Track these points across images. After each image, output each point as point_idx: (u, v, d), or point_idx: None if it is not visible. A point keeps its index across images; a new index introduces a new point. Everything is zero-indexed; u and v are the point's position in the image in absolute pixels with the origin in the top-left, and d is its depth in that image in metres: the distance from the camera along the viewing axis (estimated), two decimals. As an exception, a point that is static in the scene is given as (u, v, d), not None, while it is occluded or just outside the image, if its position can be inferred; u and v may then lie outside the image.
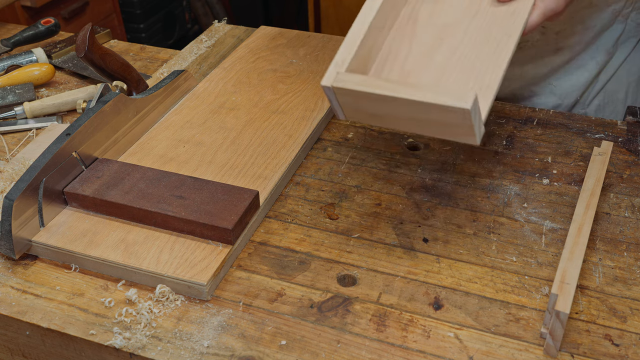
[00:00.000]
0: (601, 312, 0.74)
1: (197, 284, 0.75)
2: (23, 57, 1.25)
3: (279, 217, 0.89)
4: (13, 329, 0.76)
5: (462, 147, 1.00)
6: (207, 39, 1.32)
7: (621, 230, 0.85)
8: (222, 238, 0.80)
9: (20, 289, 0.78)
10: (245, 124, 1.02)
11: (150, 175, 0.88)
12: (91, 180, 0.87)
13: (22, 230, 0.80)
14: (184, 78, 1.10)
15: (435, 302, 0.76)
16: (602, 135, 1.03)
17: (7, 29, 1.44)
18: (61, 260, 0.82)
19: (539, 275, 0.79)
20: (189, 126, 1.02)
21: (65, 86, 1.22)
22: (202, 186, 0.85)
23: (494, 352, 0.70)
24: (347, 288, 0.78)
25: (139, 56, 1.32)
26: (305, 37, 1.29)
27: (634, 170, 0.95)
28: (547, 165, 0.96)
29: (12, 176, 0.94)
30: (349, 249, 0.83)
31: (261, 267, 0.81)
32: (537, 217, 0.87)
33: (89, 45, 0.98)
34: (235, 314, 0.75)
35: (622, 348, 0.70)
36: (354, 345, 0.71)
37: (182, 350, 0.70)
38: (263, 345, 0.71)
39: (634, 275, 0.79)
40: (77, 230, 0.83)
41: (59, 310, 0.75)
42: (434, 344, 0.71)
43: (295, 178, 0.96)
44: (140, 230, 0.83)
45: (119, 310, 0.75)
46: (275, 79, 1.14)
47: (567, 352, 0.70)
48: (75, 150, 0.87)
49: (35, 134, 1.08)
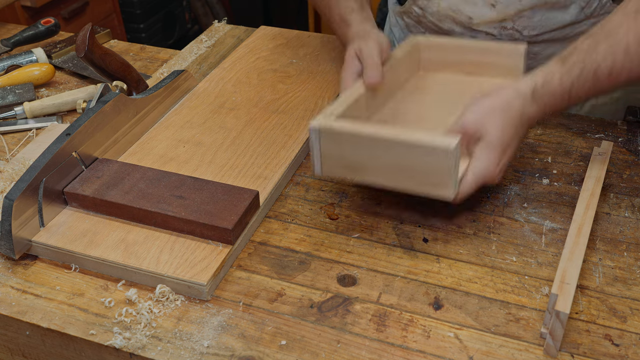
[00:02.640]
0: (601, 312, 0.74)
1: (197, 284, 0.75)
2: (23, 57, 1.25)
3: (279, 217, 0.89)
4: (13, 329, 0.76)
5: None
6: (207, 39, 1.32)
7: (621, 230, 0.85)
8: (222, 238, 0.80)
9: (20, 289, 0.78)
10: (245, 124, 1.02)
11: (150, 175, 0.88)
12: (91, 180, 0.87)
13: (22, 230, 0.80)
14: (184, 78, 1.10)
15: (435, 302, 0.76)
16: (602, 135, 1.03)
17: (7, 29, 1.44)
18: (61, 260, 0.82)
19: (539, 275, 0.79)
20: (189, 126, 1.02)
21: (65, 86, 1.22)
22: (202, 186, 0.85)
23: (494, 352, 0.70)
24: (347, 288, 0.78)
25: (139, 56, 1.32)
26: (305, 37, 1.29)
27: (634, 170, 0.95)
28: (547, 165, 0.96)
29: (12, 176, 0.94)
30: (349, 249, 0.83)
31: (261, 267, 0.81)
32: (537, 217, 0.87)
33: (89, 45, 0.98)
34: (235, 314, 0.75)
35: (622, 348, 0.70)
36: (354, 345, 0.71)
37: (182, 350, 0.70)
38: (263, 345, 0.71)
39: (634, 275, 0.79)
40: (77, 230, 0.83)
41: (59, 310, 0.75)
42: (434, 344, 0.71)
43: (295, 178, 0.96)
44: (140, 230, 0.83)
45: (119, 310, 0.75)
46: (275, 79, 1.14)
47: (567, 352, 0.70)
48: (75, 150, 0.87)
49: (35, 134, 1.08)
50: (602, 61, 0.80)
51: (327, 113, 0.82)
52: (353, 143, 0.78)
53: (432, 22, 1.12)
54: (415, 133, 0.75)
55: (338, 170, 0.82)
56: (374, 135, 0.76)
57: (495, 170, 0.80)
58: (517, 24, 1.05)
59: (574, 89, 0.82)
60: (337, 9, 1.01)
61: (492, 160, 0.79)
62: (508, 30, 1.06)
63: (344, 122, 0.79)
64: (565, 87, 0.82)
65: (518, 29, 1.06)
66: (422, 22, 1.15)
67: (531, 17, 1.04)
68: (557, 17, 1.03)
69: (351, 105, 0.86)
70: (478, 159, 0.79)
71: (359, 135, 0.77)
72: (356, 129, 0.78)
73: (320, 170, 0.82)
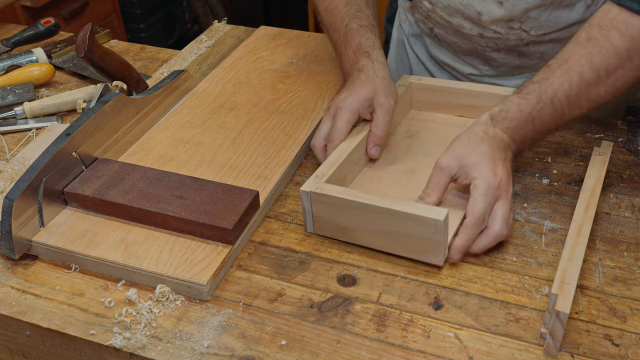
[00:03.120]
0: (601, 312, 0.74)
1: (197, 284, 0.75)
2: (23, 57, 1.25)
3: (279, 217, 0.89)
4: (13, 329, 0.76)
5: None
6: (207, 39, 1.32)
7: (621, 230, 0.85)
8: (222, 238, 0.80)
9: (20, 289, 0.78)
10: (245, 124, 1.02)
11: (150, 175, 0.88)
12: (91, 180, 0.87)
13: (22, 230, 0.80)
14: (184, 78, 1.10)
15: (435, 302, 0.76)
16: (602, 135, 1.03)
17: (7, 29, 1.44)
18: (61, 260, 0.82)
19: (539, 275, 0.79)
20: (189, 126, 1.02)
21: (65, 86, 1.22)
22: (202, 186, 0.85)
23: (494, 352, 0.70)
24: (347, 288, 0.78)
25: (139, 56, 1.32)
26: (305, 37, 1.29)
27: (634, 170, 0.95)
28: (547, 165, 0.96)
29: (12, 176, 0.94)
30: (349, 249, 0.83)
31: (261, 267, 0.81)
32: (537, 217, 0.87)
33: (89, 45, 0.98)
34: (235, 314, 0.75)
35: (622, 348, 0.70)
36: (354, 345, 0.71)
37: (182, 350, 0.70)
38: (263, 345, 0.71)
39: (634, 275, 0.79)
40: (77, 230, 0.83)
41: (59, 310, 0.75)
42: (434, 344, 0.71)
43: (295, 178, 0.96)
44: (140, 230, 0.83)
45: (119, 310, 0.75)
46: (275, 79, 1.14)
47: (567, 352, 0.70)
48: (75, 150, 0.87)
49: (35, 134, 1.08)
50: (558, 87, 0.84)
51: (319, 174, 0.84)
52: (343, 208, 0.80)
53: (441, 16, 1.12)
54: (405, 204, 0.77)
55: (329, 231, 0.84)
56: (365, 203, 0.78)
57: (496, 180, 0.80)
58: (524, 24, 1.05)
59: (536, 115, 0.84)
60: (356, 36, 0.98)
61: (487, 171, 0.80)
62: (515, 30, 1.06)
63: (335, 187, 0.81)
64: (525, 113, 0.84)
65: (525, 29, 1.06)
66: (431, 17, 1.15)
67: (538, 17, 1.04)
68: (564, 15, 1.04)
69: (342, 163, 0.87)
70: (475, 187, 0.80)
71: (349, 202, 0.79)
72: (346, 196, 0.79)
73: (313, 229, 0.85)
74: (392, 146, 0.98)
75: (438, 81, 1.05)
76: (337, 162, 0.87)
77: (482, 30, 1.09)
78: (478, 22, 1.08)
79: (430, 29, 1.18)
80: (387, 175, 0.93)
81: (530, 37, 1.07)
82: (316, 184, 0.82)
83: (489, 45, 1.11)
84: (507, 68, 1.15)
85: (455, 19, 1.10)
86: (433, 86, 1.04)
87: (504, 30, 1.08)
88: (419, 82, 1.04)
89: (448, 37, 1.16)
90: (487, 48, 1.12)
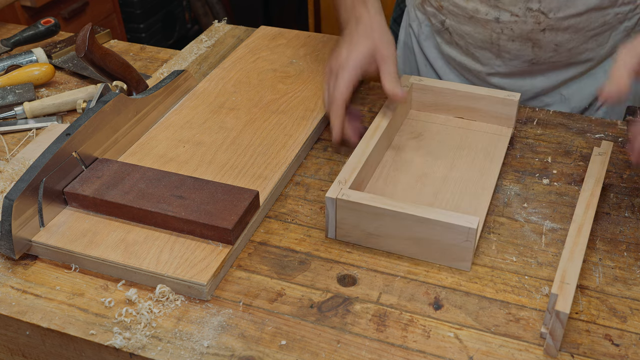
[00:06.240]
0: (601, 312, 0.74)
1: (197, 284, 0.75)
2: (23, 57, 1.25)
3: (279, 217, 0.89)
4: (13, 329, 0.76)
5: (462, 147, 1.00)
6: (207, 39, 1.32)
7: (621, 230, 0.85)
8: (222, 238, 0.80)
9: (20, 289, 0.78)
10: (245, 124, 1.02)
11: (150, 175, 0.88)
12: (91, 180, 0.87)
13: (22, 230, 0.80)
14: (184, 78, 1.10)
15: (435, 302, 0.76)
16: (602, 135, 1.03)
17: (7, 29, 1.44)
18: (61, 260, 0.82)
19: (539, 275, 0.79)
20: (189, 126, 1.02)
21: (65, 86, 1.22)
22: (202, 186, 0.85)
23: (494, 352, 0.70)
24: (347, 288, 0.78)
25: (139, 56, 1.32)
26: (305, 37, 1.29)
27: (634, 170, 0.95)
28: (547, 165, 0.96)
29: (12, 176, 0.94)
30: (349, 249, 0.83)
31: (261, 267, 0.81)
32: (537, 217, 0.87)
33: (89, 45, 0.98)
34: (235, 314, 0.75)
35: (622, 348, 0.70)
36: (354, 345, 0.71)
37: (182, 350, 0.70)
38: (263, 345, 0.71)
39: (634, 275, 0.79)
40: (77, 230, 0.83)
41: (59, 310, 0.75)
42: (434, 344, 0.71)
43: (295, 178, 0.96)
44: (140, 230, 0.83)
45: (119, 310, 0.75)
46: (275, 79, 1.14)
47: (567, 352, 0.70)
48: (75, 150, 0.87)
49: (35, 134, 1.08)
50: None
51: (342, 180, 0.83)
52: (371, 215, 0.80)
53: (455, 3, 1.11)
54: (437, 211, 0.77)
55: (353, 237, 0.84)
56: (396, 211, 0.78)
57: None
58: (543, 5, 1.04)
59: None
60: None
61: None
62: (534, 12, 1.05)
63: (361, 194, 0.81)
64: None
65: (544, 11, 1.04)
66: (443, 7, 1.14)
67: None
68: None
69: (362, 167, 0.87)
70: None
71: (378, 209, 0.79)
72: (376, 203, 0.79)
73: (335, 235, 0.85)
74: (400, 148, 0.98)
75: (440, 82, 1.05)
76: (358, 167, 0.87)
77: (499, 14, 1.07)
78: (495, 4, 1.07)
79: (442, 22, 1.16)
80: (400, 179, 0.93)
81: (548, 20, 1.06)
82: (341, 190, 0.81)
83: (504, 31, 1.10)
84: (519, 63, 1.14)
85: (471, 3, 1.09)
86: (434, 87, 1.04)
87: (522, 12, 1.06)
88: (420, 82, 1.04)
89: (461, 28, 1.14)
90: (502, 36, 1.11)
